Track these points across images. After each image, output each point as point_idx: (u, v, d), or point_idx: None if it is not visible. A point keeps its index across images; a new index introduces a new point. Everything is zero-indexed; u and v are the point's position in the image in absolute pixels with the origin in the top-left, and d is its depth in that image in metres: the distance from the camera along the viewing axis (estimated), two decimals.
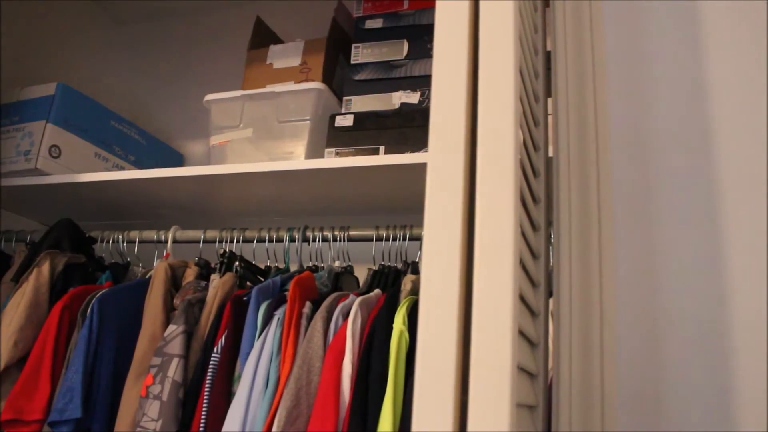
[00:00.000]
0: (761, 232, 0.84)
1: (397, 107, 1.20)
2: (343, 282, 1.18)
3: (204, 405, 0.96)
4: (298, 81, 1.31)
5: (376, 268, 1.15)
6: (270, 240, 1.25)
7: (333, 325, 0.97)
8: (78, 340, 1.07)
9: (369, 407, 0.86)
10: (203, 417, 0.96)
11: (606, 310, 0.82)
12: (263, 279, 1.21)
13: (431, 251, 0.50)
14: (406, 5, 1.27)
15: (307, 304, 1.01)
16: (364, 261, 1.21)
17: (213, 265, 1.20)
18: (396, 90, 1.22)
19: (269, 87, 1.30)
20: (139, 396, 1.00)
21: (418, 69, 1.22)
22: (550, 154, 0.93)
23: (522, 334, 0.64)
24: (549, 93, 0.96)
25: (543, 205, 0.87)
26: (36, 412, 1.03)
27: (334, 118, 1.20)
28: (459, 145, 0.53)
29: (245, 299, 1.06)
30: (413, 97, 1.20)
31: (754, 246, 0.84)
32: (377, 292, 1.06)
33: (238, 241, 1.26)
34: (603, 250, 0.84)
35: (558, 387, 0.79)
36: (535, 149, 0.86)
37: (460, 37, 0.57)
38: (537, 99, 0.89)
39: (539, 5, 0.98)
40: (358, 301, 0.97)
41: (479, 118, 0.53)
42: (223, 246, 1.26)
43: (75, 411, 0.99)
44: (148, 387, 0.99)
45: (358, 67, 1.26)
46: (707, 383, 0.80)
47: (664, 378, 0.81)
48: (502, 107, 0.53)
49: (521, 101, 0.65)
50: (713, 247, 0.85)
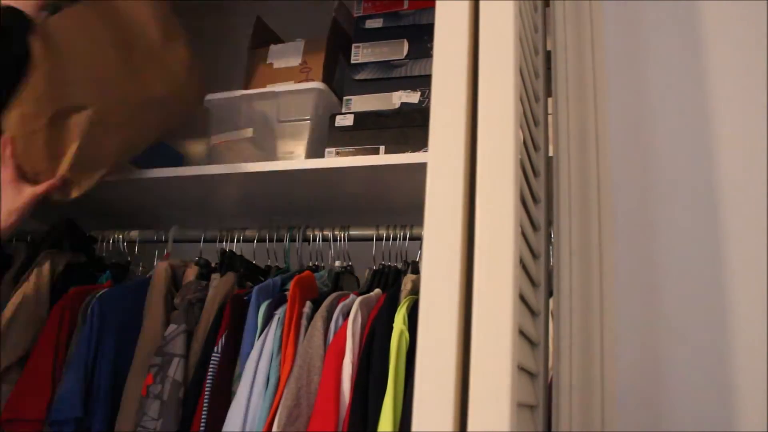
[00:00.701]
0: (761, 230, 0.84)
1: (397, 107, 1.20)
2: (344, 282, 1.18)
3: (204, 405, 0.96)
4: (298, 81, 1.31)
5: (376, 267, 1.15)
6: (270, 240, 1.25)
7: (333, 325, 0.97)
8: (78, 339, 1.07)
9: (369, 407, 0.86)
10: (203, 416, 0.96)
11: (606, 310, 0.82)
12: (263, 279, 1.21)
13: (431, 251, 0.50)
14: (406, 5, 1.27)
15: (308, 303, 1.01)
16: (364, 261, 1.21)
17: (213, 265, 1.20)
18: (396, 90, 1.22)
19: (269, 87, 1.30)
20: (140, 395, 1.00)
21: (418, 69, 1.22)
22: (550, 153, 0.93)
23: (522, 333, 0.64)
24: (549, 93, 0.96)
25: (543, 205, 0.87)
26: (36, 411, 1.03)
27: (334, 117, 1.20)
28: (459, 145, 0.53)
29: (245, 299, 1.06)
30: (413, 97, 1.20)
31: (754, 244, 0.84)
32: (377, 291, 1.06)
33: (238, 241, 1.26)
34: (603, 249, 0.84)
35: (558, 387, 0.79)
36: (535, 149, 0.86)
37: (460, 37, 0.57)
38: (537, 99, 0.89)
39: (539, 5, 0.98)
40: (358, 301, 0.97)
41: (479, 118, 0.53)
42: (224, 246, 1.26)
43: (75, 410, 0.99)
44: (148, 386, 0.99)
45: (358, 67, 1.26)
46: (707, 383, 0.80)
47: (664, 378, 0.81)
48: (502, 107, 0.53)
49: (521, 101, 0.65)
50: (713, 247, 0.85)
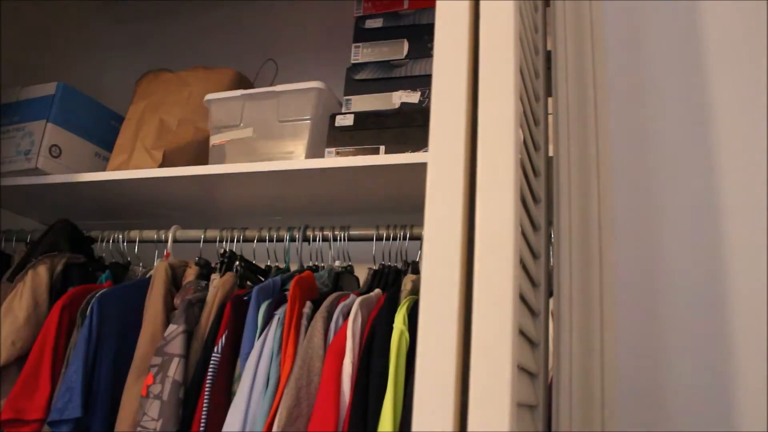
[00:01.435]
0: (761, 230, 0.83)
1: (398, 107, 1.20)
2: (344, 282, 1.18)
3: (204, 405, 0.96)
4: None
5: (376, 267, 1.15)
6: (270, 240, 1.25)
7: (333, 325, 0.97)
8: (78, 339, 1.07)
9: (369, 407, 0.85)
10: (203, 417, 0.96)
11: (606, 310, 0.82)
12: (263, 279, 1.21)
13: (431, 251, 0.50)
14: (406, 5, 1.27)
15: (308, 303, 1.01)
16: (364, 261, 1.21)
17: (213, 265, 1.20)
18: (396, 90, 1.22)
19: (269, 86, 1.30)
20: (140, 395, 1.00)
21: (418, 68, 1.22)
22: (550, 153, 0.93)
23: (522, 333, 0.63)
24: (549, 93, 0.96)
25: (543, 205, 0.87)
26: (36, 411, 1.03)
27: (334, 117, 1.20)
28: (459, 145, 0.53)
29: (245, 299, 1.06)
30: (413, 97, 1.20)
31: (754, 244, 0.83)
32: (377, 291, 1.06)
33: (238, 241, 1.26)
34: (603, 249, 0.84)
35: (558, 387, 0.79)
36: (536, 149, 0.86)
37: (460, 37, 0.56)
38: (537, 98, 0.89)
39: (539, 5, 0.98)
40: (358, 301, 0.97)
41: (479, 117, 0.53)
42: (224, 246, 1.26)
43: (75, 410, 0.99)
44: (148, 386, 0.99)
45: (358, 67, 1.26)
46: (707, 383, 0.80)
47: (664, 378, 0.81)
48: (502, 107, 0.53)
49: (521, 100, 0.65)
50: (713, 247, 0.85)
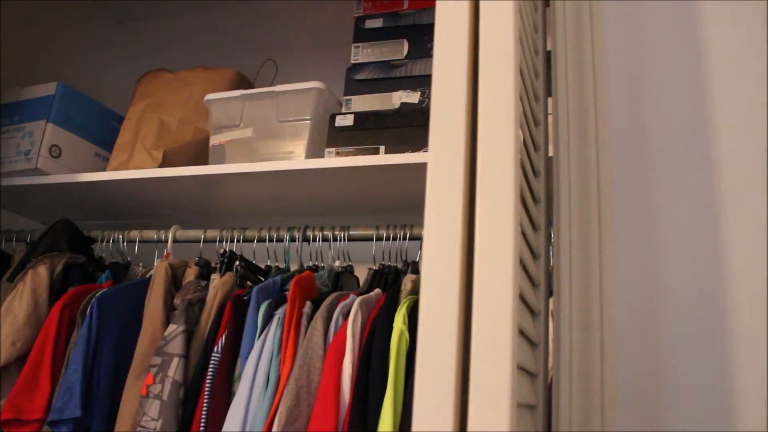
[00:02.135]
0: (761, 230, 0.83)
1: (398, 107, 1.20)
2: (344, 282, 1.18)
3: (204, 404, 0.96)
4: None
5: (376, 267, 1.15)
6: (270, 240, 1.25)
7: (333, 325, 0.97)
8: (78, 339, 1.07)
9: (369, 407, 0.85)
10: (203, 417, 0.96)
11: (606, 310, 0.82)
12: (263, 279, 1.21)
13: (431, 251, 0.50)
14: (406, 5, 1.27)
15: (308, 303, 1.01)
16: (364, 261, 1.21)
17: (213, 265, 1.20)
18: (396, 90, 1.22)
19: (269, 86, 1.30)
20: (140, 395, 1.00)
21: (418, 68, 1.22)
22: (550, 153, 0.93)
23: (522, 333, 0.64)
24: (549, 93, 0.96)
25: (543, 205, 0.87)
26: (36, 411, 1.03)
27: (334, 117, 1.20)
28: (459, 145, 0.53)
29: (245, 299, 1.06)
30: (413, 97, 1.20)
31: (754, 245, 0.84)
32: (377, 291, 1.06)
33: (238, 241, 1.26)
34: (603, 249, 0.84)
35: (558, 387, 0.79)
36: (535, 149, 0.86)
37: (460, 37, 0.56)
38: (537, 99, 0.89)
39: (539, 5, 0.98)
40: (358, 301, 0.97)
41: (479, 117, 0.53)
42: (224, 246, 1.26)
43: (74, 410, 0.99)
44: (148, 386, 0.99)
45: (358, 67, 1.26)
46: (707, 383, 0.80)
47: (664, 378, 0.81)
48: (502, 107, 0.53)
49: (521, 101, 0.65)
50: (713, 247, 0.85)
